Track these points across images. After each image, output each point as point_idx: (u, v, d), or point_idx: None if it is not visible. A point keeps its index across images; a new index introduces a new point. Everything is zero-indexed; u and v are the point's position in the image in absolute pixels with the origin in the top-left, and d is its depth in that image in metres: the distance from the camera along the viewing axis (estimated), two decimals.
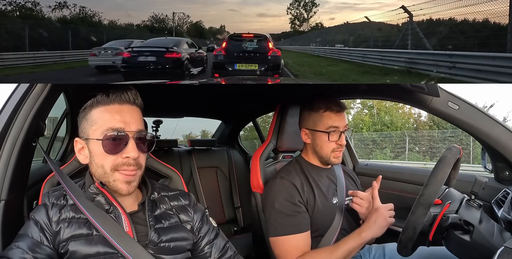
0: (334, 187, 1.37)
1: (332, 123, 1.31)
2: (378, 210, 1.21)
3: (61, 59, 11.19)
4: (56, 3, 20.86)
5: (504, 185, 1.38)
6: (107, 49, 8.35)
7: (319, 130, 1.32)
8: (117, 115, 0.91)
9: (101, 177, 0.92)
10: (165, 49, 6.35)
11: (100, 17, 23.05)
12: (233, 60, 5.55)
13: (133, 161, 0.90)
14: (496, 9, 5.54)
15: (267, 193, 1.32)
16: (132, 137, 0.91)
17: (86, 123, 0.93)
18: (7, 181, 1.01)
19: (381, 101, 18.43)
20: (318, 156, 1.37)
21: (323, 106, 1.33)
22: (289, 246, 1.22)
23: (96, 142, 0.90)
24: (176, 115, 2.89)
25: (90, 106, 0.93)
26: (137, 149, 0.91)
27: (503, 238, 0.97)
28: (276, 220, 1.25)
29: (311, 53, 16.95)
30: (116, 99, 0.92)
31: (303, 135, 1.39)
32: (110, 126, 0.89)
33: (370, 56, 9.19)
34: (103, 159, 0.90)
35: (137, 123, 0.93)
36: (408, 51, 7.53)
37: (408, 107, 18.92)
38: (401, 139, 15.44)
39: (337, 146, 1.32)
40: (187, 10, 76.43)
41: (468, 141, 12.42)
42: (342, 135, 1.32)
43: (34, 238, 0.87)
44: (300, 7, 38.66)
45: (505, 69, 4.39)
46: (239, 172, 2.52)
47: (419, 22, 8.06)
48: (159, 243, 0.93)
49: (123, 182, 0.90)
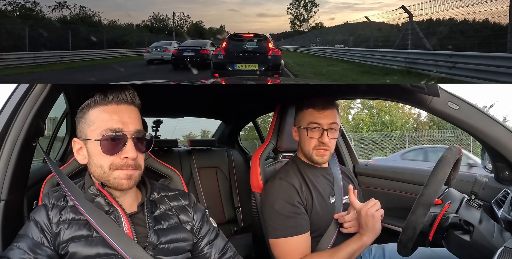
0: (331, 186, 1.37)
1: (313, 119, 1.30)
2: (360, 213, 1.19)
3: (61, 59, 11.21)
4: (56, 3, 20.86)
5: (504, 185, 1.38)
6: (157, 48, 11.75)
7: (302, 126, 1.34)
8: (115, 115, 0.90)
9: (100, 177, 0.91)
10: (199, 47, 9.72)
11: (100, 17, 23.04)
12: (233, 60, 5.54)
13: (132, 162, 0.90)
14: (496, 9, 5.56)
15: (266, 195, 1.32)
16: (130, 137, 0.90)
17: (84, 123, 0.93)
18: (7, 181, 1.01)
19: (381, 101, 18.55)
20: (303, 154, 1.38)
21: (307, 103, 1.34)
22: (289, 248, 1.22)
23: (94, 143, 0.90)
24: (176, 115, 2.89)
25: (87, 106, 0.93)
26: (136, 149, 0.91)
27: (503, 238, 0.97)
28: (275, 222, 1.24)
29: (311, 53, 16.96)
30: (113, 99, 0.92)
31: (293, 132, 1.41)
32: (108, 127, 0.89)
33: (370, 56, 9.26)
34: (101, 159, 0.90)
35: (135, 123, 0.93)
36: (408, 51, 7.58)
37: (408, 107, 19.09)
38: (401, 139, 15.51)
39: (319, 143, 1.30)
40: (187, 10, 76.46)
41: (468, 141, 12.47)
42: (324, 133, 1.29)
43: (35, 238, 0.87)
44: (300, 7, 38.66)
45: (505, 69, 4.40)
46: (239, 172, 2.52)
47: (419, 22, 8.07)
48: (158, 244, 0.93)
49: (123, 178, 0.90)
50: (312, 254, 1.23)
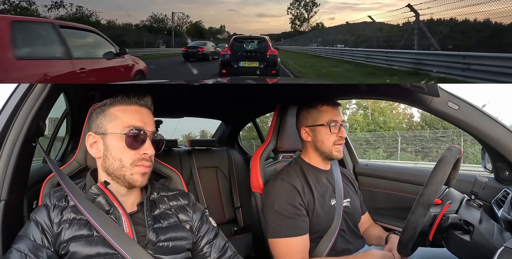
0: (332, 188, 1.38)
1: (332, 116, 1.34)
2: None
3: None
4: (53, 3, 20.76)
5: (504, 185, 1.38)
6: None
7: (320, 124, 1.35)
8: (137, 115, 0.97)
9: (117, 170, 0.94)
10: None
11: (98, 16, 22.98)
12: (238, 58, 6.53)
13: (149, 158, 0.96)
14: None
15: (268, 195, 1.32)
16: (149, 136, 0.96)
17: (103, 119, 0.97)
18: (7, 181, 1.01)
19: (376, 102, 19.01)
20: (319, 153, 1.37)
21: (320, 101, 1.37)
22: (287, 249, 1.22)
23: (116, 136, 0.94)
24: (176, 115, 2.88)
25: (109, 104, 0.98)
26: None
27: (503, 238, 0.97)
28: (275, 222, 1.25)
29: (311, 53, 16.90)
30: (136, 101, 0.99)
31: (303, 134, 1.40)
32: (131, 124, 0.95)
33: (374, 57, 8.96)
34: (122, 153, 0.94)
35: (152, 125, 1.00)
36: (417, 51, 7.16)
37: (402, 108, 19.55)
38: (394, 139, 15.73)
39: (338, 138, 1.34)
40: (187, 10, 76.57)
41: (459, 141, 12.66)
42: (342, 128, 1.35)
43: (35, 240, 0.87)
44: (301, 7, 38.66)
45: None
46: (239, 172, 2.52)
47: (425, 21, 7.76)
48: (157, 242, 0.94)
49: (140, 174, 0.94)
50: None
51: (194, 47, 13.85)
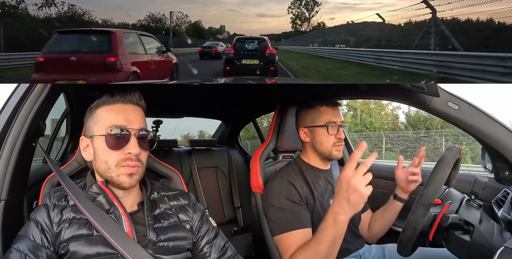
0: (331, 188, 1.37)
1: (330, 117, 1.34)
2: (349, 183, 0.94)
3: None
4: (43, 1, 20.43)
5: (504, 185, 1.38)
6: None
7: (318, 125, 1.34)
8: (120, 114, 0.94)
9: (104, 172, 0.93)
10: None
11: (91, 15, 22.67)
12: (240, 56, 7.27)
13: (135, 157, 0.93)
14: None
15: (268, 193, 1.32)
16: (134, 134, 0.94)
17: (91, 122, 0.96)
18: (7, 181, 1.01)
19: (365, 103, 19.56)
20: (318, 154, 1.37)
21: (319, 102, 1.36)
22: (295, 241, 1.18)
23: (100, 138, 0.93)
24: (176, 115, 2.89)
25: (96, 106, 0.97)
26: (139, 146, 0.93)
27: (503, 238, 0.97)
28: (278, 218, 1.24)
29: (314, 54, 16.69)
30: (120, 99, 0.96)
31: (301, 134, 1.40)
32: (113, 123, 0.93)
33: (385, 58, 8.14)
34: (106, 154, 0.92)
35: (139, 122, 0.96)
36: (440, 52, 6.18)
37: (390, 109, 20.19)
38: (379, 139, 16.14)
39: (337, 140, 1.34)
40: (186, 10, 76.57)
41: (441, 141, 12.88)
42: (340, 129, 1.35)
43: (35, 239, 0.87)
44: (301, 6, 38.61)
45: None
46: (239, 172, 2.52)
47: (443, 19, 7.03)
48: (157, 242, 0.93)
49: (126, 175, 0.92)
50: (296, 253, 1.15)
51: (209, 47, 15.71)
